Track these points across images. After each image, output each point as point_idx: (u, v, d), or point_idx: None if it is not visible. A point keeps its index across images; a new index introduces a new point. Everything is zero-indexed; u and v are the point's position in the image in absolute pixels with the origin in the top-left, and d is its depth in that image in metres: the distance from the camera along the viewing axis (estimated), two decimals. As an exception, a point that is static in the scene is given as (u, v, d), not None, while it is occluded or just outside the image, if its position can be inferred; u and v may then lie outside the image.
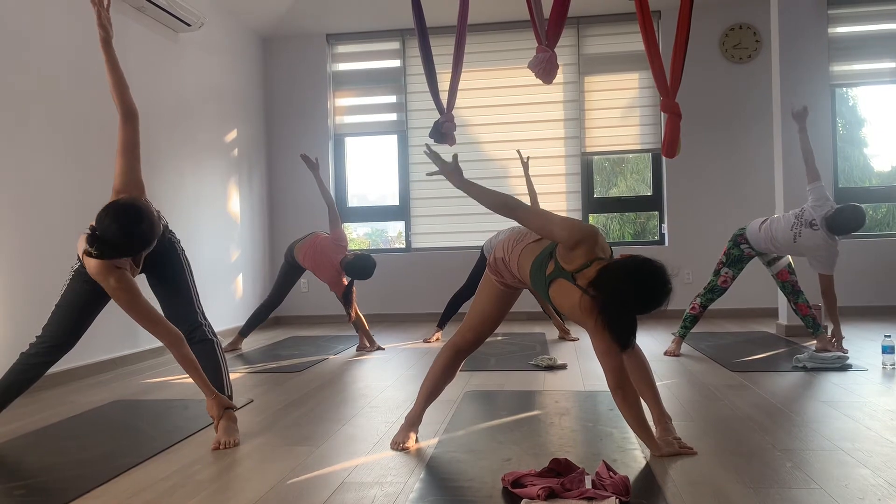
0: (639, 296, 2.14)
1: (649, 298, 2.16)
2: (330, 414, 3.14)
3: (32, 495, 2.15)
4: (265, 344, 5.59)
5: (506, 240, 2.58)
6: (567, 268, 2.26)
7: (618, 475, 2.04)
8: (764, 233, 4.43)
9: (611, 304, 2.14)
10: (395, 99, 7.27)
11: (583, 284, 2.20)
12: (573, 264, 2.25)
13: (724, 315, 6.47)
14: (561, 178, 6.98)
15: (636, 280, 2.14)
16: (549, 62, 4.00)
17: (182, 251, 2.89)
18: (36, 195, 3.90)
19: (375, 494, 2.08)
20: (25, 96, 3.87)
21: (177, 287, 2.81)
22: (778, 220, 4.44)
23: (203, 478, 2.29)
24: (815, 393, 3.27)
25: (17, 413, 3.28)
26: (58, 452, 2.63)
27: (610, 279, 2.15)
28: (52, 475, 2.35)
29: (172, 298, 2.82)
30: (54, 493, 2.16)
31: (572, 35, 6.89)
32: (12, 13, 3.81)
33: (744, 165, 6.60)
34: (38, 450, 2.68)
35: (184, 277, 2.84)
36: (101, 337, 4.43)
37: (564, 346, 4.91)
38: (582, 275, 2.22)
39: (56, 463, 2.48)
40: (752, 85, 6.61)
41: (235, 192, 6.45)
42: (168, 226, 2.89)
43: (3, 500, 2.12)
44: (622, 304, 2.15)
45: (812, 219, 4.29)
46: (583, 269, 2.23)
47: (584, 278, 2.21)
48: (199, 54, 5.81)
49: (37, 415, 3.27)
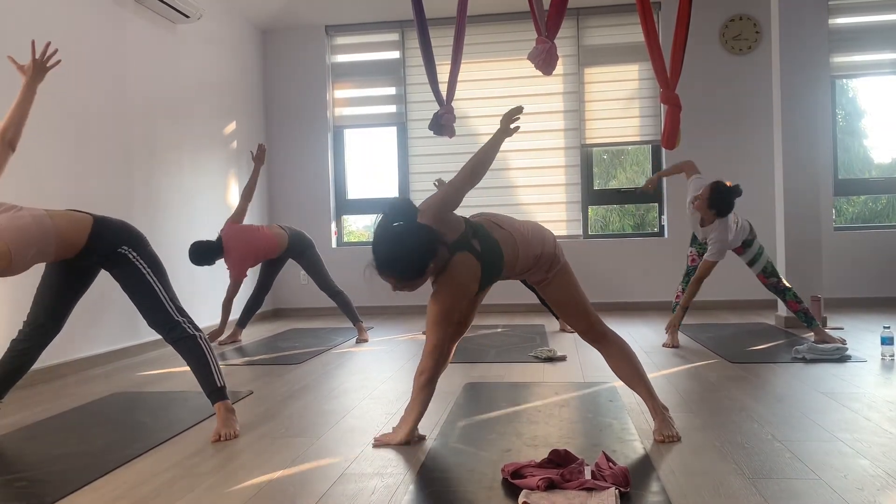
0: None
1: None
2: (329, 405, 3.14)
3: (33, 487, 2.15)
4: (265, 336, 5.60)
5: (530, 237, 2.55)
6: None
7: (617, 466, 2.04)
8: (691, 214, 4.56)
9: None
10: (395, 91, 7.25)
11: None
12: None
13: (723, 306, 6.48)
14: (560, 169, 6.97)
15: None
16: (549, 53, 3.99)
17: (137, 258, 2.82)
18: (31, 186, 3.89)
19: (376, 485, 2.09)
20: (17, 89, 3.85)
21: (142, 295, 2.82)
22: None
23: (203, 469, 2.29)
24: (814, 384, 3.28)
25: (17, 405, 3.29)
26: (58, 444, 2.63)
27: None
28: (53, 467, 2.35)
29: (142, 306, 2.83)
30: (55, 485, 2.16)
31: (572, 26, 6.86)
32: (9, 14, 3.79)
33: (744, 156, 6.59)
34: (39, 442, 2.68)
35: (146, 283, 2.81)
36: (102, 329, 4.44)
37: (564, 338, 4.92)
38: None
39: (57, 455, 2.49)
40: (752, 76, 6.60)
41: (235, 183, 6.44)
42: (121, 237, 2.87)
43: (4, 491, 2.12)
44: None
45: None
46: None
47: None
48: (197, 46, 5.79)
49: (37, 407, 3.27)
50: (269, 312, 7.02)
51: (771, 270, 4.53)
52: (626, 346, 2.65)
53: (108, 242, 2.78)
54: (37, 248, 2.61)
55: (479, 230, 2.43)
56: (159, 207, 5.16)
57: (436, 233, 2.32)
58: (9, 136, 2.63)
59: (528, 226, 2.57)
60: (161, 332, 2.82)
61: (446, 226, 2.38)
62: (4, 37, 3.73)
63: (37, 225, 2.60)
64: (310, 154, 7.22)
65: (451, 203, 2.43)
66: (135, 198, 4.85)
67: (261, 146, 4.97)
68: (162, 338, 2.84)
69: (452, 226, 2.40)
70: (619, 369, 2.64)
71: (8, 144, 2.64)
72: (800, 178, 5.25)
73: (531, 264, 2.54)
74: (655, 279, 6.62)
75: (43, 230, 2.61)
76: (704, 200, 4.28)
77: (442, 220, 2.38)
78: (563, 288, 2.59)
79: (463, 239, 2.37)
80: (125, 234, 2.85)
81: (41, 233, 2.60)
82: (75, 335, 4.13)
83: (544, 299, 2.74)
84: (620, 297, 6.71)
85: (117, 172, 4.67)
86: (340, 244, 7.37)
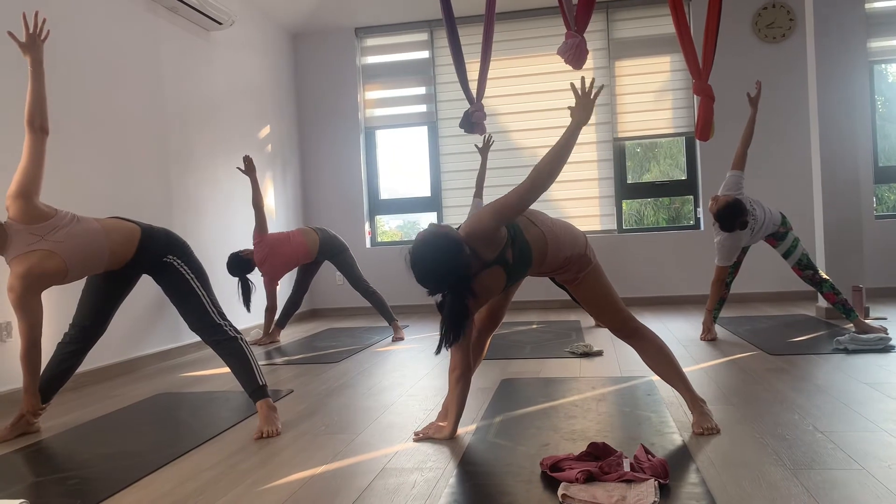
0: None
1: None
2: (368, 402, 3.18)
3: (84, 484, 2.22)
4: (303, 336, 5.67)
5: (562, 237, 2.53)
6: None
7: (656, 458, 2.04)
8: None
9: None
10: (425, 90, 7.28)
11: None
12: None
13: (762, 298, 6.39)
14: (593, 164, 6.94)
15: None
16: (579, 48, 3.99)
17: (182, 266, 2.93)
18: (74, 190, 4.00)
19: (416, 479, 2.12)
20: (61, 98, 3.97)
21: (185, 300, 2.92)
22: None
23: (247, 466, 2.34)
24: (857, 375, 3.23)
25: (66, 407, 3.40)
26: (107, 444, 2.71)
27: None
28: (102, 465, 2.42)
29: (186, 310, 2.94)
30: (105, 483, 2.23)
31: (602, 19, 6.82)
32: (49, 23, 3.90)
33: (779, 145, 6.49)
34: (88, 441, 2.76)
35: (190, 289, 2.92)
36: (146, 332, 4.54)
37: (600, 334, 4.90)
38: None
39: (105, 454, 2.56)
40: (786, 65, 6.49)
41: (270, 187, 6.53)
42: (166, 247, 2.96)
43: (58, 488, 2.20)
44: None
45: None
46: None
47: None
48: (230, 52, 5.89)
49: (85, 408, 3.37)
50: (306, 313, 7.10)
51: (806, 263, 4.44)
52: (660, 340, 2.64)
53: (153, 254, 2.90)
54: (91, 263, 2.77)
55: (517, 237, 2.39)
56: (196, 211, 5.26)
57: (469, 264, 2.27)
58: (38, 123, 2.69)
59: (561, 225, 2.55)
60: (203, 336, 2.91)
61: (492, 244, 2.33)
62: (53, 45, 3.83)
63: (92, 242, 2.75)
64: (342, 155, 7.29)
65: (507, 217, 2.33)
66: (173, 202, 4.95)
67: (245, 157, 4.93)
68: (203, 340, 2.93)
69: (497, 242, 2.34)
70: (653, 364, 2.63)
71: (40, 130, 2.70)
72: (838, 166, 5.15)
73: (560, 265, 2.53)
74: (692, 273, 6.55)
75: (97, 247, 2.77)
76: (715, 210, 4.21)
77: (489, 241, 2.32)
78: (593, 287, 2.58)
79: (500, 254, 2.35)
80: (170, 243, 2.96)
81: (95, 249, 2.76)
82: (120, 339, 4.24)
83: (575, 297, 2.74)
84: (657, 292, 6.66)
85: (155, 177, 4.77)
86: (374, 244, 7.42)
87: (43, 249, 2.63)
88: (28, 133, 2.68)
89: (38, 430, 2.94)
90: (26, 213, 2.63)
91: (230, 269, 5.06)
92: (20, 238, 2.62)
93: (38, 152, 2.68)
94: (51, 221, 2.67)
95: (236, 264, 5.07)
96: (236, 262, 5.07)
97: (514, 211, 2.33)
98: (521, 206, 2.32)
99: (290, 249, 5.18)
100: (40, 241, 2.63)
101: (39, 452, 2.64)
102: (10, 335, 3.46)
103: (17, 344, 3.36)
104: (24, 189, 2.63)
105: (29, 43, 2.72)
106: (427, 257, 2.26)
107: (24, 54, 2.72)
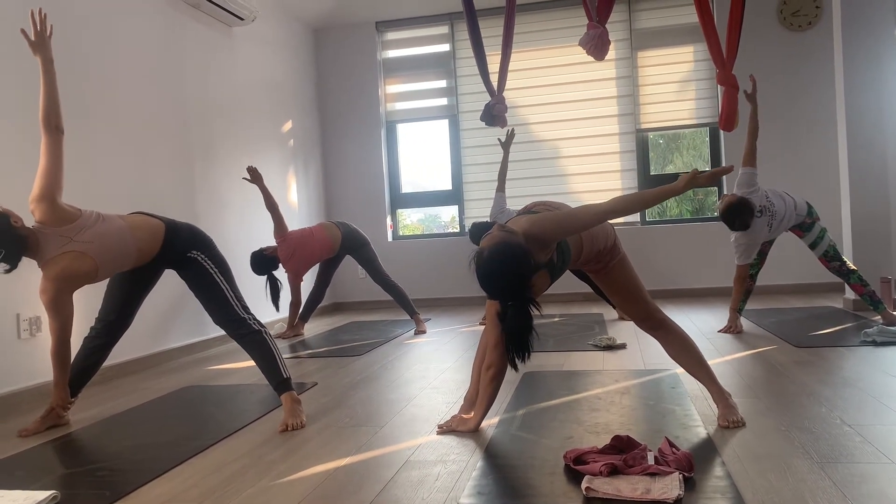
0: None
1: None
2: (392, 395, 3.20)
3: (113, 476, 2.26)
4: (326, 329, 5.71)
5: (596, 231, 2.52)
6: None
7: (681, 451, 2.03)
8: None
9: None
10: (446, 83, 7.27)
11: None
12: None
13: (788, 290, 6.32)
14: (615, 156, 6.89)
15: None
16: (601, 38, 3.96)
17: (206, 261, 2.96)
18: (98, 186, 4.05)
19: (439, 472, 2.12)
20: (84, 94, 4.01)
21: (210, 295, 2.96)
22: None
23: (273, 458, 2.37)
24: (885, 367, 3.18)
25: (95, 400, 3.45)
26: (135, 436, 2.75)
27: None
28: (131, 457, 2.46)
29: (210, 305, 2.97)
30: (133, 474, 2.26)
31: (623, 10, 6.76)
32: (73, 21, 3.95)
33: (805, 136, 6.40)
34: (116, 434, 2.80)
35: (214, 284, 2.95)
36: (172, 326, 4.59)
37: (623, 326, 4.87)
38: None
39: (133, 445, 2.60)
40: (812, 53, 6.39)
41: (293, 181, 6.57)
42: (190, 243, 2.99)
43: (87, 480, 2.23)
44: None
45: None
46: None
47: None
48: (252, 47, 5.93)
49: (113, 401, 3.42)
50: (329, 306, 7.14)
51: (833, 254, 4.38)
52: (684, 333, 2.63)
53: (178, 249, 2.94)
54: (120, 261, 2.82)
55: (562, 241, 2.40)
56: (220, 206, 5.30)
57: (531, 271, 2.25)
58: (53, 122, 2.71)
59: None
60: (227, 329, 2.94)
61: (546, 249, 2.32)
62: (77, 41, 3.88)
63: (119, 241, 2.79)
64: (364, 150, 7.31)
65: (570, 231, 2.33)
66: (196, 197, 4.99)
67: (249, 168, 4.89)
68: (227, 334, 2.96)
69: (551, 247, 2.35)
70: (678, 357, 2.61)
71: (56, 129, 2.71)
72: (866, 156, 5.07)
73: (593, 258, 2.54)
74: (716, 265, 6.49)
75: (125, 245, 2.81)
76: (721, 207, 4.17)
77: (545, 246, 2.31)
78: (620, 277, 2.59)
79: (550, 259, 2.36)
80: (194, 239, 3.00)
81: (123, 248, 2.81)
82: (146, 333, 4.30)
83: (600, 288, 2.73)
84: (681, 284, 6.61)
85: (179, 173, 4.82)
86: (396, 238, 7.44)
87: (74, 251, 2.66)
88: (44, 134, 2.70)
89: (68, 423, 2.98)
90: (52, 215, 2.66)
91: (254, 267, 5.09)
92: (50, 241, 2.65)
93: (56, 152, 2.70)
94: (78, 222, 2.70)
95: (261, 262, 5.09)
96: (260, 260, 5.10)
97: (580, 227, 2.30)
98: (588, 224, 2.29)
99: (314, 245, 5.21)
100: (70, 242, 2.67)
101: (69, 445, 2.69)
102: (40, 329, 3.52)
103: (45, 338, 3.42)
104: (46, 191, 2.65)
105: (38, 41, 2.74)
106: (496, 271, 2.19)
107: (35, 54, 2.74)
